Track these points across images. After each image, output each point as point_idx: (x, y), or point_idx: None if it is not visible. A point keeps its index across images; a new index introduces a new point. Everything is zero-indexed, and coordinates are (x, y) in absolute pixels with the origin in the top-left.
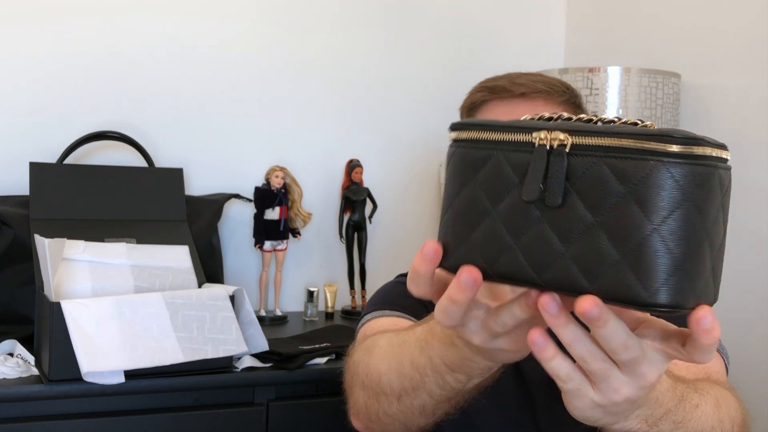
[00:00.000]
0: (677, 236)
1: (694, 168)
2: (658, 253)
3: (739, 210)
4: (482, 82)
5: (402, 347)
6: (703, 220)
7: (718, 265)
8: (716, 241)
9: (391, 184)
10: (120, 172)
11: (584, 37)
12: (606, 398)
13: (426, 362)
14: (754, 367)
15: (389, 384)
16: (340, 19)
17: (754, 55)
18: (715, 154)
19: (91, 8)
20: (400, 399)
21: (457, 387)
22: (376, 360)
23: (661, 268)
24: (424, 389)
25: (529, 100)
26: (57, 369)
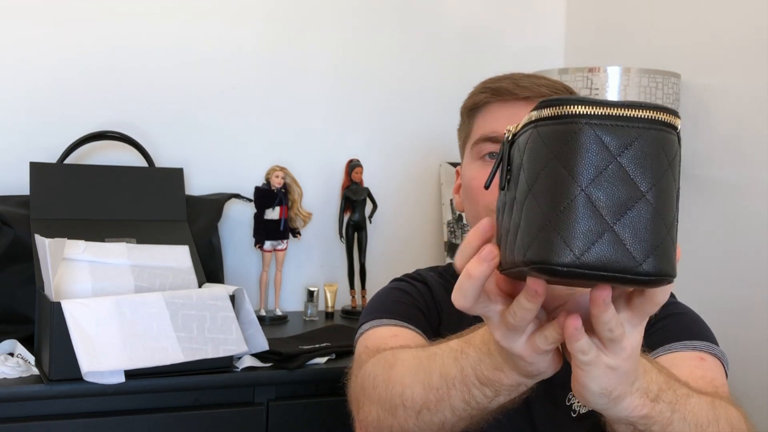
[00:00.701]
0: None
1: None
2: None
3: (740, 210)
4: (484, 82)
5: (432, 359)
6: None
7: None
8: None
9: (391, 184)
10: (120, 172)
11: (584, 37)
12: (617, 357)
13: (457, 373)
14: (754, 367)
15: (412, 397)
16: (340, 20)
17: (754, 55)
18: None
19: (92, 8)
20: (419, 414)
21: (483, 403)
22: (399, 373)
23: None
24: (448, 403)
25: (532, 103)
26: (57, 369)
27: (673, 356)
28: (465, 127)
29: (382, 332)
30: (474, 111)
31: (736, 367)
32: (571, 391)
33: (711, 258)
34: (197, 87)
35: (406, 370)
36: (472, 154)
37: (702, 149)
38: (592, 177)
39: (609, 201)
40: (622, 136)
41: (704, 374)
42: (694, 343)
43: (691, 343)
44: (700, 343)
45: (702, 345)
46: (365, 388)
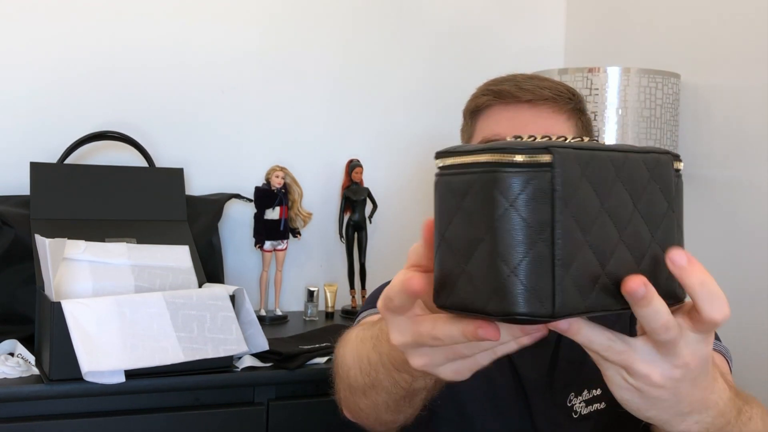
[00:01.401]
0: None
1: None
2: None
3: (740, 210)
4: (486, 83)
5: (363, 343)
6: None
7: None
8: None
9: (391, 184)
10: (120, 172)
11: (584, 37)
12: (639, 381)
13: (377, 359)
14: (754, 367)
15: (355, 379)
16: (340, 20)
17: (754, 55)
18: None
19: (92, 9)
20: (366, 394)
21: (405, 386)
22: (346, 354)
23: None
24: (381, 386)
25: (535, 107)
26: (57, 368)
27: None
28: (467, 129)
29: (373, 318)
30: (476, 113)
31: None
32: (572, 392)
33: (711, 258)
34: (197, 87)
35: (348, 352)
36: None
37: (702, 149)
38: (446, 224)
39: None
40: (463, 183)
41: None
42: None
43: None
44: None
45: None
46: (336, 366)
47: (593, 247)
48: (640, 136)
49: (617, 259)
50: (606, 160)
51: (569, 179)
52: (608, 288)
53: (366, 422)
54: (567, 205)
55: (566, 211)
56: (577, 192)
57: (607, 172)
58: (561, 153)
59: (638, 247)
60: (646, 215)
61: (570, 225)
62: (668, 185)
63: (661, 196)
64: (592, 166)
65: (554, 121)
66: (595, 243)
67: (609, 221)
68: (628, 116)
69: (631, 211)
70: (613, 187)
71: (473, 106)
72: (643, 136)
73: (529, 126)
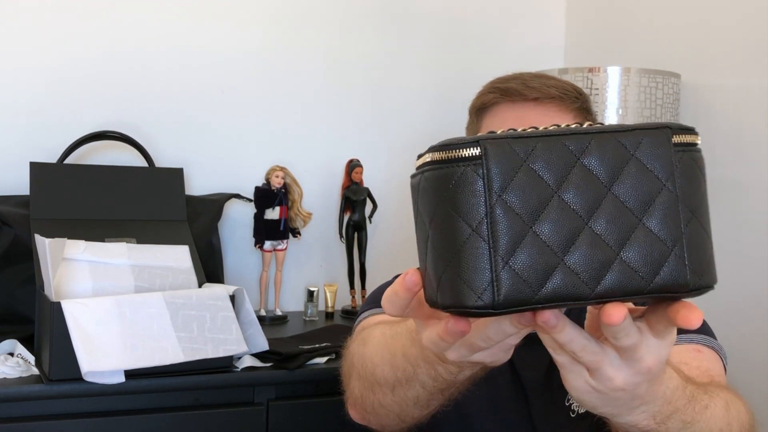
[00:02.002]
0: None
1: None
2: None
3: (740, 210)
4: (493, 81)
5: (394, 339)
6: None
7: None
8: None
9: (391, 184)
10: (120, 172)
11: (584, 37)
12: (601, 384)
13: (417, 353)
14: (754, 367)
15: (383, 375)
16: (340, 20)
17: (754, 55)
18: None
19: (92, 8)
20: (394, 390)
21: (449, 378)
22: (370, 351)
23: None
24: (417, 380)
25: (541, 105)
26: (57, 369)
27: None
28: (473, 126)
29: (379, 319)
30: (482, 111)
31: (737, 367)
32: None
33: None
34: (197, 87)
35: (374, 349)
36: None
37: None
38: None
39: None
40: (415, 185)
41: (700, 365)
42: (691, 336)
43: (687, 336)
44: (696, 335)
45: (699, 337)
46: (349, 366)
47: (543, 235)
48: None
49: (584, 246)
50: (559, 144)
51: (504, 169)
52: (574, 278)
53: (383, 421)
54: (502, 196)
55: (501, 201)
56: (517, 181)
57: (561, 157)
58: (492, 144)
59: (617, 232)
60: (629, 198)
61: (509, 215)
62: (662, 161)
63: (651, 174)
64: (539, 152)
65: (560, 120)
66: (546, 231)
67: (567, 207)
68: (629, 116)
69: (602, 195)
70: (571, 172)
71: (479, 103)
72: None
73: (536, 125)
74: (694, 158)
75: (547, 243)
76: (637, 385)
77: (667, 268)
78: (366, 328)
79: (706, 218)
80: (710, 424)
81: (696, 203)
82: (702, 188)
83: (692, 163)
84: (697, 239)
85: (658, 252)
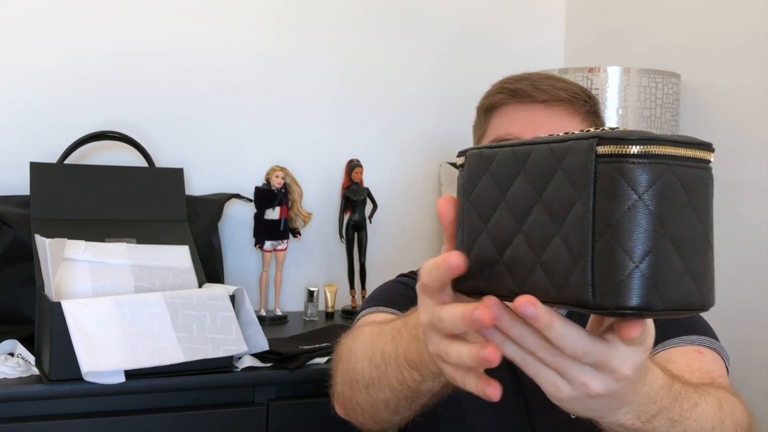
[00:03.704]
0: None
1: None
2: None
3: (739, 210)
4: (502, 81)
5: (379, 336)
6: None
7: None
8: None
9: (391, 184)
10: (120, 172)
11: (584, 37)
12: (577, 391)
13: (392, 352)
14: (754, 367)
15: (362, 372)
16: (340, 20)
17: (754, 55)
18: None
19: (92, 8)
20: (367, 389)
21: (412, 386)
22: (357, 346)
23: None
24: (386, 381)
25: (550, 107)
26: (57, 369)
27: (669, 352)
28: (480, 126)
29: (378, 318)
30: (490, 110)
31: (737, 367)
32: None
33: None
34: (197, 87)
35: (360, 345)
36: None
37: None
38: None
39: None
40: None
41: (701, 366)
42: (692, 338)
43: (689, 338)
44: (698, 337)
45: (700, 339)
46: (337, 359)
47: (491, 235)
48: None
49: (516, 248)
50: (509, 155)
51: (471, 176)
52: (504, 275)
53: (360, 419)
54: (469, 198)
55: (468, 203)
56: (479, 186)
57: (509, 166)
58: (469, 155)
59: (538, 238)
60: (551, 207)
61: (471, 215)
62: (578, 173)
63: (568, 185)
64: (497, 162)
65: (569, 123)
66: (493, 231)
67: (507, 212)
68: (628, 116)
69: (533, 203)
70: (515, 180)
71: (488, 103)
72: None
73: (544, 127)
74: (620, 170)
75: (492, 241)
76: (616, 391)
77: (572, 281)
78: (362, 326)
79: (626, 236)
80: (701, 422)
81: (616, 220)
82: (621, 204)
83: (614, 174)
84: (609, 257)
85: (565, 264)
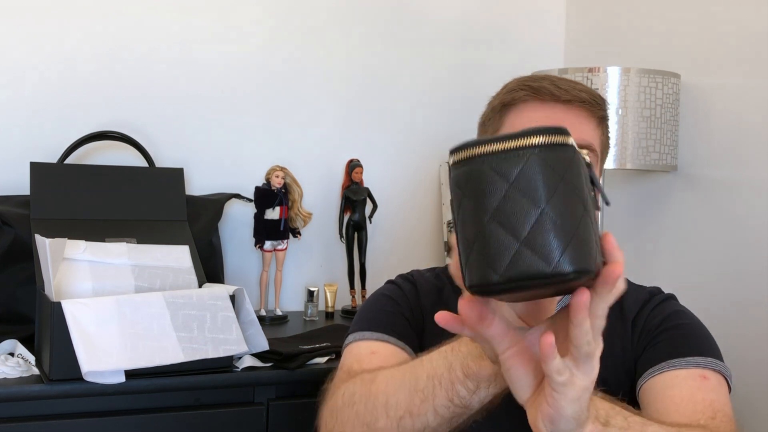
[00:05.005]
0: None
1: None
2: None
3: (740, 210)
4: (522, 79)
5: (421, 364)
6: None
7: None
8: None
9: (391, 184)
10: (120, 172)
11: (584, 37)
12: (588, 379)
13: (444, 370)
14: (754, 367)
15: (396, 403)
16: (340, 20)
17: (754, 55)
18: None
19: (92, 8)
20: (401, 420)
21: (465, 398)
22: (382, 384)
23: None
24: (431, 404)
25: (571, 108)
26: (57, 368)
27: (674, 374)
28: (494, 122)
29: (362, 348)
30: (508, 107)
31: (737, 368)
32: None
33: (710, 257)
34: (198, 87)
35: (390, 380)
36: None
37: (702, 149)
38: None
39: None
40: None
41: (705, 396)
42: (697, 360)
43: (694, 360)
44: (703, 359)
45: (705, 362)
46: (339, 408)
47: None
48: (640, 135)
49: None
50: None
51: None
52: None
53: None
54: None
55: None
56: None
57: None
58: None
59: None
60: None
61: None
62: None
63: None
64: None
65: (586, 127)
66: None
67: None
68: (628, 116)
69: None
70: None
71: (509, 99)
72: (643, 136)
73: None
74: (451, 176)
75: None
76: (586, 391)
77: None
78: (359, 371)
79: (462, 229)
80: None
81: (458, 218)
82: (455, 204)
83: (450, 180)
84: (461, 248)
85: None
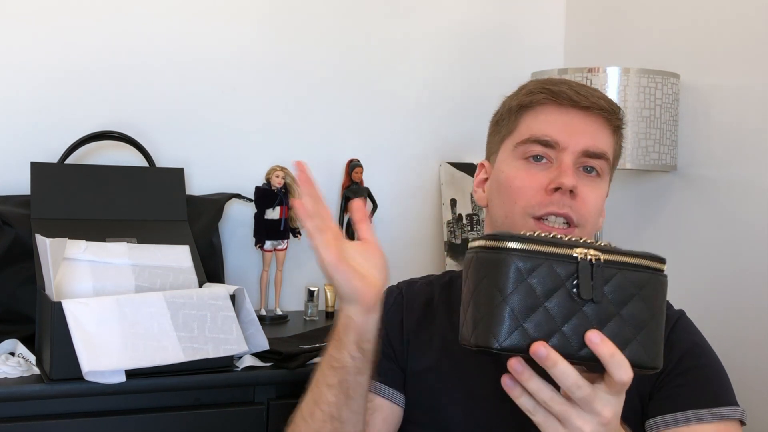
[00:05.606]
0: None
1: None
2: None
3: (739, 210)
4: (540, 82)
5: (312, 389)
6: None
7: None
8: None
9: (391, 184)
10: (121, 171)
11: (584, 37)
12: (591, 422)
13: (348, 362)
14: (754, 367)
15: (306, 404)
16: (341, 20)
17: (754, 55)
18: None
19: (93, 8)
20: (313, 416)
21: (336, 356)
22: (300, 418)
23: None
24: (324, 382)
25: (589, 115)
26: (58, 368)
27: (701, 428)
28: (508, 123)
29: None
30: (525, 109)
31: (736, 369)
32: None
33: (710, 258)
34: (198, 87)
35: (300, 417)
36: (516, 152)
37: (702, 149)
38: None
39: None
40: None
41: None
42: (722, 411)
43: (719, 412)
44: (726, 409)
45: (727, 411)
46: None
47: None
48: (639, 136)
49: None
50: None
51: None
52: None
53: None
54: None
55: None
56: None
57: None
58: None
59: None
60: None
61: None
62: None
63: None
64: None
65: (602, 134)
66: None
67: None
68: (628, 116)
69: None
70: None
71: (527, 101)
72: (643, 136)
73: (581, 134)
74: (476, 258)
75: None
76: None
77: None
78: None
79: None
80: None
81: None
82: (467, 284)
83: (474, 263)
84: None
85: None
